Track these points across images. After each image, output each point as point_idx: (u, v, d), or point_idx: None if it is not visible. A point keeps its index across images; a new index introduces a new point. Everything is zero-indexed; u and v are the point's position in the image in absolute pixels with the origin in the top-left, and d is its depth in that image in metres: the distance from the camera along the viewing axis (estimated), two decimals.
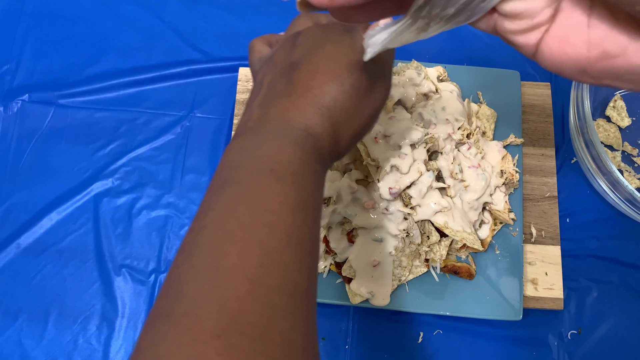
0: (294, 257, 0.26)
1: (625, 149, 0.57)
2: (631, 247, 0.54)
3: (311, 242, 0.27)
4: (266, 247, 0.25)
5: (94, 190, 0.55)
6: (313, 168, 0.29)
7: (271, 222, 0.26)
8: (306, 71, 0.31)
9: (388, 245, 0.46)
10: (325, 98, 0.31)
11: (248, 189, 0.27)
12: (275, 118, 0.31)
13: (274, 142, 0.29)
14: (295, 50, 0.33)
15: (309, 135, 0.30)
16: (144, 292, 0.52)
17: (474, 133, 0.51)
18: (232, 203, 0.26)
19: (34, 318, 0.51)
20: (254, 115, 0.32)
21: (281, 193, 0.27)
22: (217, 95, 0.58)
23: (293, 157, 0.28)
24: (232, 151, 0.30)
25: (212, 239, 0.25)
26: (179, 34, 0.61)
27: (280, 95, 0.31)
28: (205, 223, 0.26)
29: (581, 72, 0.20)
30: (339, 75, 0.31)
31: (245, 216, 0.26)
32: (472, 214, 0.48)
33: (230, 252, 0.24)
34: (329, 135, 0.31)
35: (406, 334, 0.51)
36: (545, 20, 0.20)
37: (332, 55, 0.31)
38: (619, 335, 0.51)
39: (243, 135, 0.31)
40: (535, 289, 0.50)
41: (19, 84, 0.58)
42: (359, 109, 0.32)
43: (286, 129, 0.30)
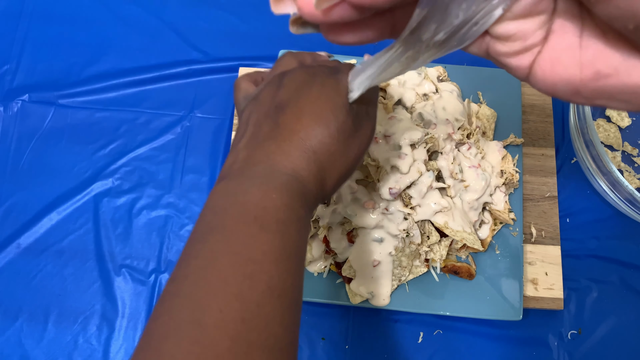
0: (275, 310, 0.25)
1: (625, 149, 0.57)
2: (631, 247, 0.54)
3: (294, 292, 0.27)
4: (248, 301, 0.25)
5: (94, 190, 0.55)
6: (298, 214, 0.29)
7: (253, 273, 0.25)
8: (292, 114, 0.31)
9: (388, 245, 0.46)
10: (311, 141, 0.31)
11: (231, 238, 0.27)
12: (261, 161, 0.30)
13: (260, 187, 0.29)
14: (281, 91, 0.33)
15: (295, 179, 0.30)
16: (144, 292, 0.52)
17: (474, 133, 0.51)
18: (215, 252, 0.26)
19: (34, 318, 0.51)
20: (239, 157, 0.32)
21: (265, 242, 0.27)
22: (217, 95, 0.58)
23: (278, 203, 0.28)
24: (217, 195, 0.30)
25: (194, 291, 0.25)
26: (179, 34, 0.61)
27: (266, 138, 0.31)
28: (187, 273, 0.26)
29: (574, 93, 0.20)
30: (324, 118, 0.31)
31: (227, 267, 0.25)
32: (472, 214, 0.48)
33: (212, 306, 0.24)
34: (315, 178, 0.31)
35: (406, 334, 0.51)
36: (537, 41, 0.20)
37: (317, 98, 0.32)
38: (619, 335, 0.51)
39: (228, 178, 0.31)
40: (535, 289, 0.50)
41: (19, 84, 0.58)
42: (344, 151, 0.32)
43: (272, 173, 0.30)
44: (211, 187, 0.55)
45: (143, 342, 0.25)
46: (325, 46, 0.60)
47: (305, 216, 0.30)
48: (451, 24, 0.20)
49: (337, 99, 0.31)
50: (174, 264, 0.52)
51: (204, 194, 0.55)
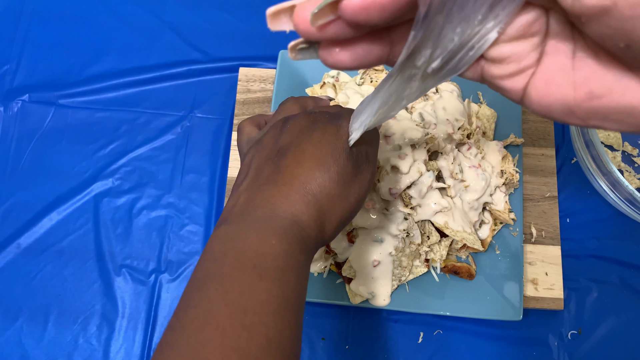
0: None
1: (626, 149, 0.57)
2: (631, 247, 0.54)
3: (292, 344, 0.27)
4: (246, 354, 0.24)
5: (94, 191, 0.55)
6: (297, 260, 0.29)
7: (252, 325, 0.25)
8: (293, 158, 0.32)
9: (388, 245, 0.46)
10: (312, 185, 0.31)
11: (229, 287, 0.26)
12: (261, 205, 0.31)
13: (258, 233, 0.29)
14: (283, 136, 0.33)
15: (295, 224, 0.30)
16: (144, 292, 0.52)
17: (474, 133, 0.51)
18: (213, 302, 0.26)
19: (34, 318, 0.51)
20: (239, 201, 0.32)
21: (263, 291, 0.26)
22: (217, 95, 0.58)
23: (277, 249, 0.28)
24: (216, 240, 0.30)
25: (191, 342, 0.25)
26: (179, 34, 0.61)
27: (267, 182, 0.32)
28: (185, 323, 0.26)
29: (569, 113, 0.20)
30: (325, 162, 0.31)
31: (225, 317, 0.25)
32: (472, 214, 0.48)
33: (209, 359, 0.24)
34: (315, 223, 0.31)
35: (406, 334, 0.51)
36: (531, 63, 0.20)
37: (318, 142, 0.32)
38: (619, 335, 0.51)
39: (227, 223, 0.31)
40: (535, 289, 0.50)
41: (19, 84, 0.58)
42: (344, 195, 0.32)
43: (272, 217, 0.30)
44: (211, 187, 0.55)
45: None
46: None
47: (304, 262, 0.30)
48: (446, 49, 0.20)
49: (338, 143, 0.32)
50: (174, 264, 0.52)
51: (204, 194, 0.55)
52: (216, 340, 0.24)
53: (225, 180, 0.54)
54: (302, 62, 0.54)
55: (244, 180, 0.33)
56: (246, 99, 0.56)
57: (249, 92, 0.56)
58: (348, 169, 0.32)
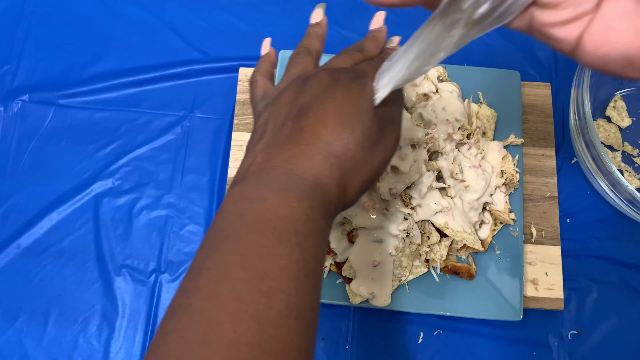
0: (292, 333, 0.23)
1: (626, 149, 0.57)
2: (631, 247, 0.54)
3: (312, 313, 0.25)
4: (264, 321, 0.23)
5: (94, 191, 0.55)
6: (318, 225, 0.27)
7: (270, 290, 0.24)
8: (315, 117, 0.30)
9: (388, 245, 0.46)
10: (335, 146, 0.29)
11: (247, 250, 0.25)
12: (280, 165, 0.29)
13: (278, 194, 0.27)
14: (304, 95, 0.31)
15: (316, 186, 0.28)
16: (144, 292, 0.52)
17: (474, 133, 0.51)
18: (229, 264, 0.24)
19: (34, 318, 0.51)
20: (257, 159, 0.30)
21: (283, 256, 0.25)
22: (217, 95, 0.58)
23: (298, 212, 0.26)
24: (232, 200, 0.28)
25: (206, 307, 0.23)
26: (179, 34, 0.61)
27: (287, 141, 0.30)
28: (199, 285, 0.24)
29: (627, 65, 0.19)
30: (349, 123, 0.30)
31: (242, 282, 0.24)
32: (472, 214, 0.48)
33: (225, 325, 0.22)
34: (337, 186, 0.29)
35: (406, 334, 0.51)
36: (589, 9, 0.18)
37: (342, 101, 0.30)
38: (619, 335, 0.51)
39: (245, 182, 0.29)
40: (535, 289, 0.50)
41: (19, 84, 0.58)
42: (368, 159, 0.31)
43: (292, 179, 0.28)
44: (211, 187, 0.55)
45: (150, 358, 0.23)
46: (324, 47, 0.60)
47: (325, 227, 0.28)
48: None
49: (363, 103, 0.30)
50: (174, 264, 0.52)
51: (204, 194, 0.55)
52: (232, 305, 0.23)
53: (225, 180, 0.54)
54: None
55: (260, 140, 0.31)
56: (246, 99, 0.56)
57: (249, 92, 0.56)
58: (373, 130, 0.30)
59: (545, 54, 0.60)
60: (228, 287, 0.24)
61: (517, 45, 0.61)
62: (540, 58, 0.60)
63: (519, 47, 0.61)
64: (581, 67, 0.50)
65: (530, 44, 0.61)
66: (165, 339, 0.23)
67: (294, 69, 0.36)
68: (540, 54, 0.60)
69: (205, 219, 0.54)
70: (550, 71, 0.60)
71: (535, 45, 0.61)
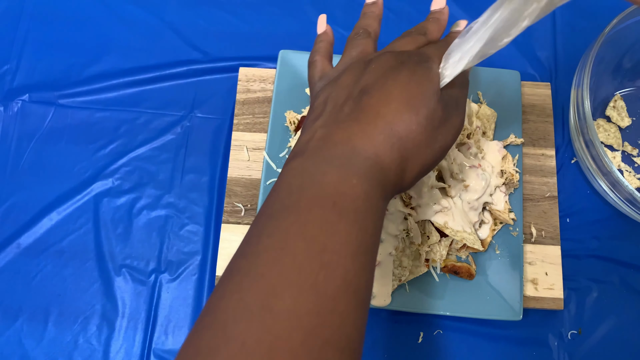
0: (349, 307, 0.23)
1: (625, 149, 0.57)
2: (631, 247, 0.54)
3: (367, 290, 0.25)
4: (323, 293, 0.23)
5: (94, 190, 0.55)
6: (376, 205, 0.27)
7: (330, 263, 0.23)
8: (378, 97, 0.30)
9: (388, 245, 0.46)
10: (398, 127, 0.29)
11: (307, 221, 0.25)
12: (341, 142, 0.28)
13: (339, 170, 0.27)
14: (367, 75, 0.31)
15: (376, 166, 0.28)
16: (144, 292, 0.52)
17: (474, 133, 0.51)
18: (290, 234, 0.24)
19: (34, 318, 0.51)
20: (316, 135, 0.30)
21: (342, 232, 0.25)
22: (217, 95, 0.58)
23: (358, 190, 0.26)
24: (292, 172, 0.28)
25: (266, 273, 0.23)
26: (179, 34, 0.61)
27: (348, 119, 0.29)
28: (259, 250, 0.24)
29: None
30: (414, 104, 0.29)
31: (302, 252, 0.24)
32: (472, 214, 0.48)
33: (285, 293, 0.22)
34: (397, 168, 0.29)
35: (406, 334, 0.51)
36: None
37: (407, 83, 0.30)
38: (619, 335, 0.51)
39: (304, 155, 0.29)
40: (535, 289, 0.50)
41: (19, 84, 0.58)
42: (430, 142, 0.30)
43: (352, 156, 0.28)
44: (211, 187, 0.55)
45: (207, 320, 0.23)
46: None
47: (382, 207, 0.28)
48: None
49: (428, 86, 0.30)
50: (174, 263, 0.52)
51: (204, 193, 0.55)
52: (292, 274, 0.23)
53: (225, 180, 0.54)
54: (302, 62, 0.54)
55: (319, 117, 0.31)
56: (246, 99, 0.56)
57: (249, 92, 0.56)
58: (438, 113, 0.30)
59: (545, 54, 0.60)
60: (289, 255, 0.23)
61: (517, 45, 0.61)
62: (540, 58, 0.60)
63: (519, 47, 0.61)
64: (581, 67, 0.50)
65: (530, 44, 0.61)
66: (224, 302, 0.23)
67: (353, 51, 0.35)
68: (540, 54, 0.60)
69: (205, 218, 0.54)
70: (550, 71, 0.60)
71: (535, 45, 0.61)
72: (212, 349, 0.22)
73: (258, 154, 0.54)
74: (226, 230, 0.51)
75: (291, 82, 0.54)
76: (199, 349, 0.22)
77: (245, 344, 0.21)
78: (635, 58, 0.56)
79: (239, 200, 0.52)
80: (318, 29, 0.40)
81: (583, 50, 0.51)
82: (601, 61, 0.52)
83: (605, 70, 0.55)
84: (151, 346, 0.50)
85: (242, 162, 0.53)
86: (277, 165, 0.51)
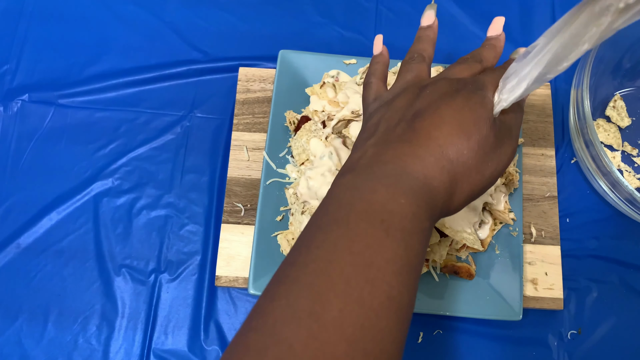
0: (391, 324, 0.24)
1: (625, 149, 0.57)
2: (631, 247, 0.54)
3: (409, 309, 0.26)
4: (367, 307, 0.23)
5: (94, 190, 0.55)
6: (423, 225, 0.27)
7: (375, 280, 0.24)
8: (430, 120, 0.30)
9: None
10: (449, 150, 0.29)
11: (355, 236, 0.25)
12: (391, 161, 0.29)
13: (388, 188, 0.27)
14: (421, 100, 0.32)
15: (425, 187, 0.28)
16: (143, 292, 0.52)
17: None
18: (338, 247, 0.25)
19: (33, 318, 0.51)
20: (367, 153, 0.30)
21: (389, 250, 0.25)
22: (217, 95, 0.58)
23: (406, 209, 0.27)
24: (342, 188, 0.28)
25: (315, 282, 0.24)
26: (179, 34, 0.61)
27: (399, 140, 0.30)
28: (308, 261, 0.25)
29: None
30: (465, 130, 0.29)
31: (349, 266, 0.24)
32: (472, 214, 0.48)
33: (332, 303, 0.23)
34: (445, 190, 0.29)
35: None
36: None
37: (460, 108, 0.30)
38: (619, 335, 0.51)
39: (354, 172, 0.29)
40: (535, 289, 0.50)
41: (19, 84, 0.58)
42: (481, 168, 0.30)
43: (402, 176, 0.28)
44: (211, 187, 0.55)
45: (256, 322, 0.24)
46: (324, 47, 0.60)
47: (429, 228, 0.28)
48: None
49: (482, 112, 0.30)
50: (174, 263, 0.52)
51: (203, 193, 0.55)
52: (340, 286, 0.24)
53: (225, 180, 0.54)
54: (302, 62, 0.54)
55: (372, 137, 0.31)
56: (246, 99, 0.56)
57: (248, 91, 0.56)
58: (490, 140, 0.30)
59: None
60: (337, 268, 0.24)
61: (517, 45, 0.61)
62: None
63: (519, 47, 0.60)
64: (581, 67, 0.50)
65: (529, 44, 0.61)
66: (272, 305, 0.24)
67: (407, 74, 0.36)
68: None
69: (205, 218, 0.54)
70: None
71: None
72: (260, 349, 0.23)
73: (258, 154, 0.54)
74: (226, 230, 0.51)
75: (291, 82, 0.54)
76: (248, 348, 0.23)
77: (293, 347, 0.22)
78: (635, 58, 0.56)
79: (238, 200, 0.52)
80: (374, 50, 0.40)
81: None
82: (601, 61, 0.52)
83: (605, 70, 0.55)
84: (151, 346, 0.50)
85: (242, 162, 0.53)
86: (276, 165, 0.51)
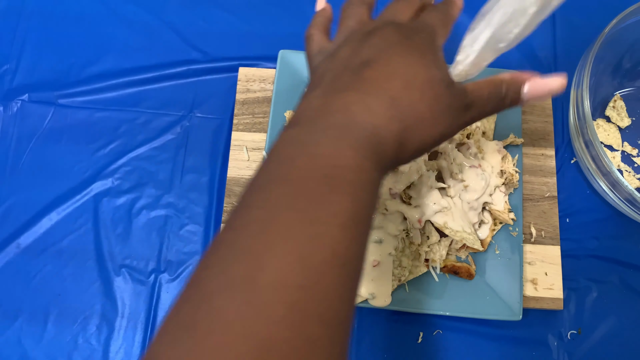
0: (336, 281, 0.23)
1: (625, 149, 0.57)
2: (631, 247, 0.54)
3: (357, 263, 0.25)
4: (309, 265, 0.22)
5: (94, 190, 0.55)
6: (371, 177, 0.26)
7: (318, 236, 0.23)
8: (381, 71, 0.29)
9: (388, 245, 0.46)
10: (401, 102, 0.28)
11: (297, 193, 0.24)
12: (338, 110, 0.28)
13: (333, 141, 0.26)
14: (366, 49, 0.30)
15: (373, 137, 0.27)
16: (143, 292, 0.52)
17: (474, 133, 0.51)
18: (278, 206, 0.24)
19: (33, 318, 0.51)
20: (312, 105, 0.29)
21: (334, 203, 0.24)
22: (217, 95, 0.58)
23: (352, 162, 0.26)
24: (284, 143, 0.27)
25: (252, 245, 0.23)
26: (179, 34, 0.61)
27: (347, 89, 0.29)
28: (246, 222, 0.24)
29: None
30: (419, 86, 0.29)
31: (291, 224, 0.23)
32: (472, 214, 0.48)
33: (270, 264, 0.22)
34: (395, 140, 0.28)
35: (406, 334, 0.51)
36: None
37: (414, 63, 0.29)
38: (618, 335, 0.51)
39: (298, 126, 0.28)
40: (535, 289, 0.50)
41: (19, 84, 0.58)
42: (433, 121, 0.29)
43: (349, 126, 0.27)
44: (211, 187, 0.55)
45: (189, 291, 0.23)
46: None
47: (377, 179, 0.27)
48: None
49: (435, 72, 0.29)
50: (174, 263, 0.52)
51: (203, 193, 0.55)
52: (279, 245, 0.23)
53: (224, 180, 0.54)
54: (302, 62, 0.54)
55: (317, 88, 0.30)
56: (246, 99, 0.56)
57: (248, 92, 0.56)
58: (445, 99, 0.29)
59: (545, 54, 0.60)
60: (276, 227, 0.23)
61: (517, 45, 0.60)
62: (540, 58, 0.60)
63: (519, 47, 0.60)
64: (581, 67, 0.50)
65: (529, 44, 0.61)
66: (206, 273, 0.23)
67: (349, 21, 0.35)
68: (540, 54, 0.60)
69: (205, 218, 0.54)
70: (550, 71, 0.60)
71: (534, 45, 0.61)
72: (191, 322, 0.21)
73: (258, 154, 0.54)
74: None
75: (291, 82, 0.54)
76: (178, 320, 0.22)
77: (224, 316, 0.21)
78: (635, 58, 0.56)
79: None
80: (317, 7, 0.39)
81: (583, 50, 0.51)
82: (601, 61, 0.52)
83: (604, 70, 0.55)
84: None
85: (241, 162, 0.53)
86: None
